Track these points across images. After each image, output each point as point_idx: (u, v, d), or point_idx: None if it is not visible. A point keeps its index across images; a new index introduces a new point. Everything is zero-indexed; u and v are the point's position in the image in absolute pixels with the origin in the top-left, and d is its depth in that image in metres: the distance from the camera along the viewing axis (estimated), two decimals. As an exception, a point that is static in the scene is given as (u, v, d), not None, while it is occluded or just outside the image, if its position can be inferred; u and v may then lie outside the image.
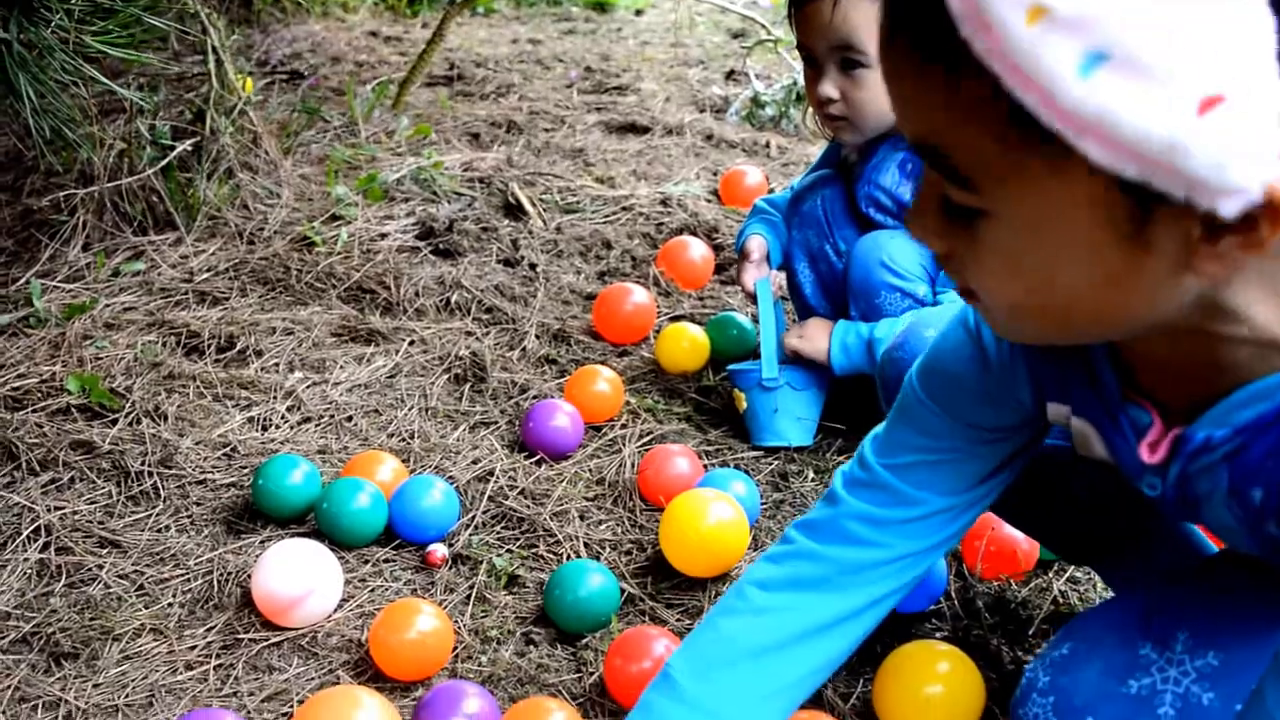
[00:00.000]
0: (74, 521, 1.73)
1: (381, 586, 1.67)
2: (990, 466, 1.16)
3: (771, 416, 2.01)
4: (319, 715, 1.30)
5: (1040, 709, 1.19)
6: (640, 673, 1.45)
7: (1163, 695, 1.12)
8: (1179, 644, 1.14)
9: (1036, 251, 0.83)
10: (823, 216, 2.12)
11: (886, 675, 1.45)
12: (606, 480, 1.94)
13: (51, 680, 1.46)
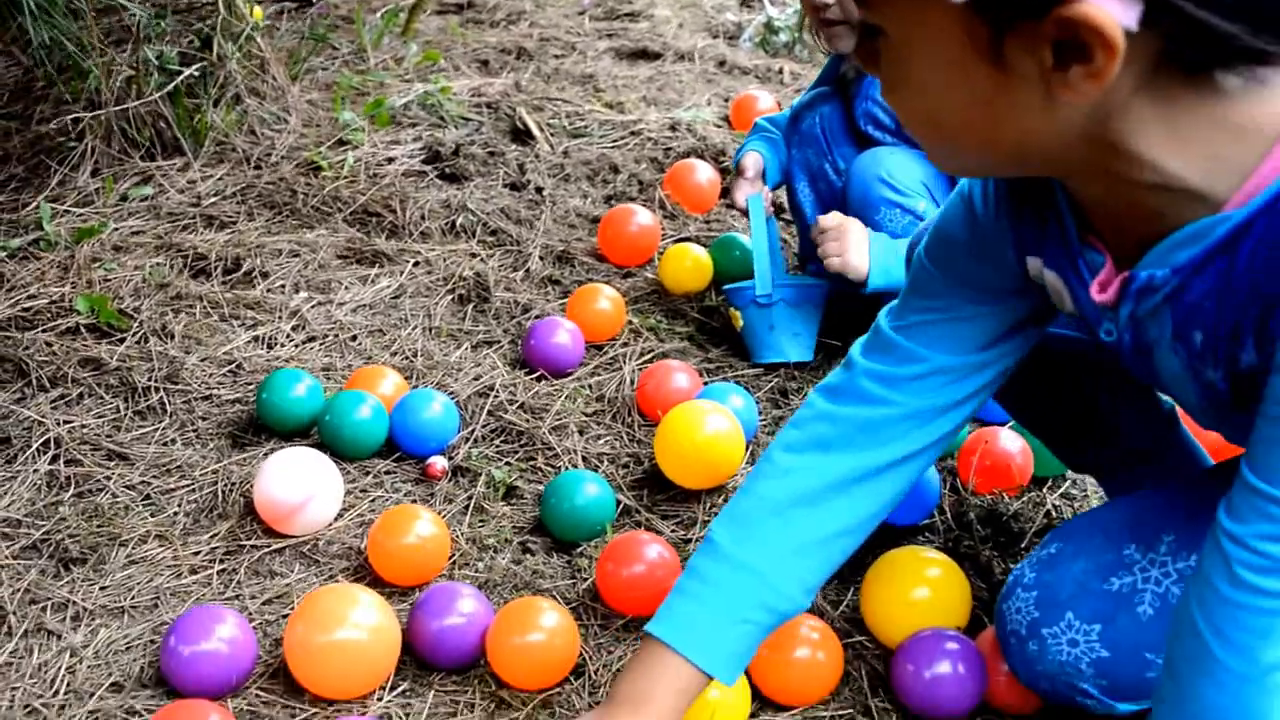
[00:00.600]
0: (82, 435, 1.78)
1: (382, 497, 1.72)
2: (989, 331, 1.20)
3: (767, 333, 2.03)
4: (317, 611, 1.35)
5: (1023, 603, 1.24)
6: (632, 577, 1.49)
7: (1143, 594, 1.17)
8: (1163, 546, 1.18)
9: (918, 69, 0.90)
10: (821, 135, 2.13)
11: (873, 580, 1.49)
12: (606, 396, 1.98)
13: (60, 584, 1.52)
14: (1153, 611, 1.17)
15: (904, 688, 1.37)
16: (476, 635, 1.41)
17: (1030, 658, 1.24)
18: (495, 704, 1.38)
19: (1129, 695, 1.21)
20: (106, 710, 1.32)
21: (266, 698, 1.36)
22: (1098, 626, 1.18)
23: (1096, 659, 1.19)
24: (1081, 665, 1.20)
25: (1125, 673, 1.18)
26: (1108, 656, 1.18)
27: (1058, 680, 1.22)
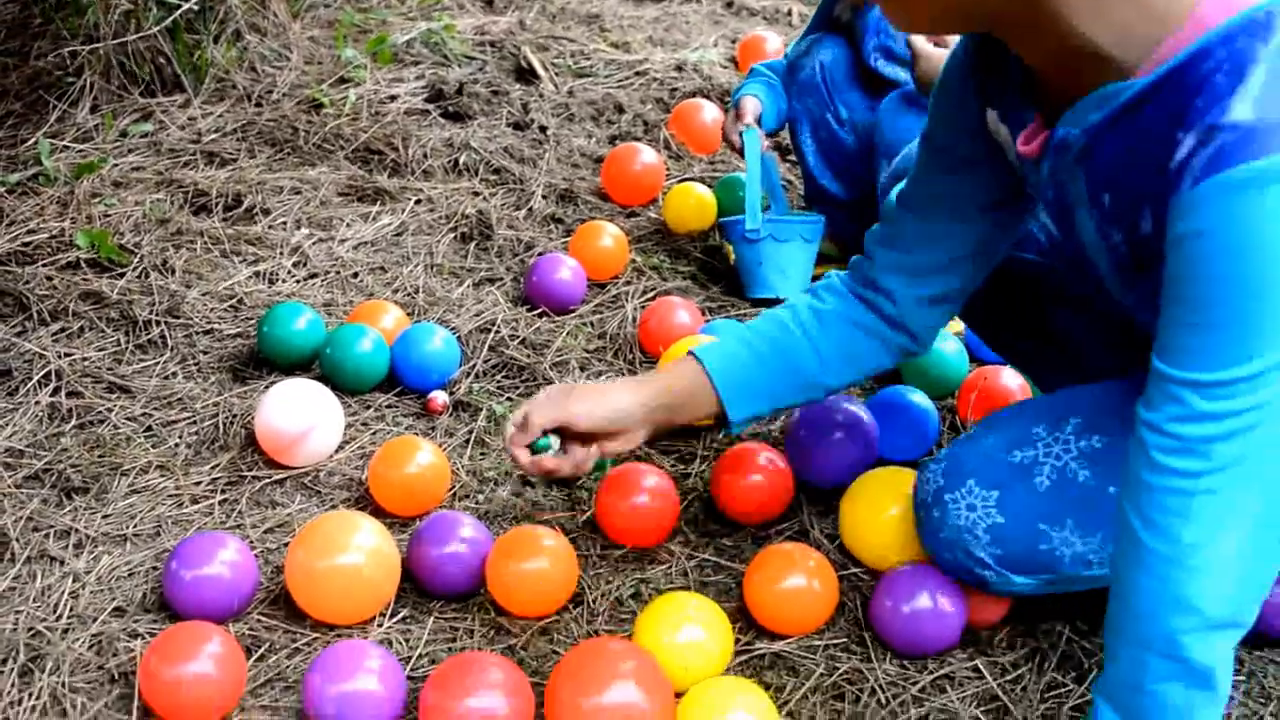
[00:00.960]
0: (83, 367, 1.79)
1: (383, 430, 1.73)
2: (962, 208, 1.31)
3: (757, 268, 2.03)
4: (318, 537, 1.36)
5: (932, 474, 1.33)
6: (631, 509, 1.50)
7: (1042, 466, 1.25)
8: (1070, 426, 1.26)
9: None
10: (822, 84, 2.11)
11: (852, 498, 1.51)
12: (608, 333, 1.98)
13: (63, 512, 1.53)
14: (1049, 484, 1.24)
15: (884, 625, 1.38)
16: (476, 563, 1.42)
17: (934, 525, 1.31)
18: (494, 630, 1.40)
19: (1022, 567, 1.27)
20: (110, 633, 1.34)
21: (268, 623, 1.38)
22: (995, 493, 1.25)
23: (992, 524, 1.26)
24: (978, 530, 1.27)
25: (1018, 541, 1.25)
26: (1002, 523, 1.25)
27: (956, 547, 1.29)
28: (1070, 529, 1.24)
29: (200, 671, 1.22)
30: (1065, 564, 1.26)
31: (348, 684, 1.21)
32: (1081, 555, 1.25)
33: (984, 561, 1.28)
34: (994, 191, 1.29)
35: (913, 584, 1.37)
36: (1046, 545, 1.25)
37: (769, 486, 1.55)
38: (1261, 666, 1.39)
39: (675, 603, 1.33)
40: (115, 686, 1.28)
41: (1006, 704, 1.32)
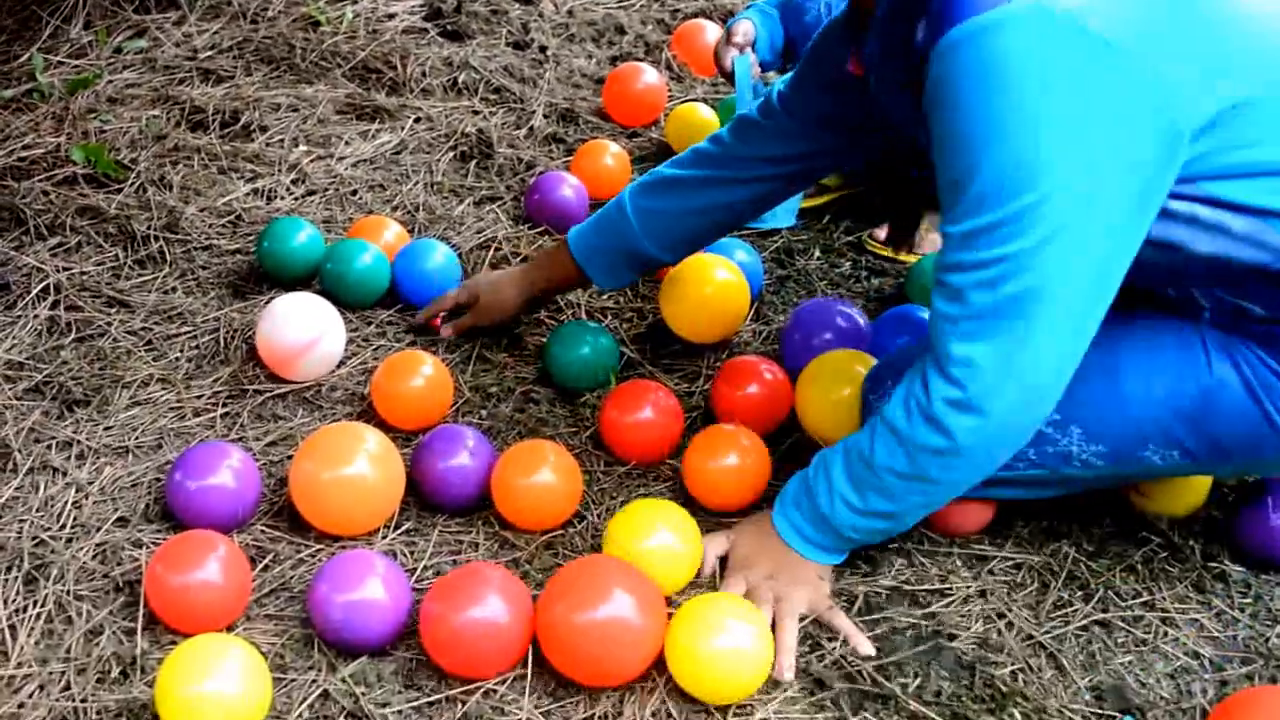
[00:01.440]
0: (82, 281, 1.76)
1: (384, 346, 1.71)
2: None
3: None
4: (322, 447, 1.34)
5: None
6: (636, 423, 1.49)
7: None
8: None
9: None
10: None
11: (805, 382, 1.53)
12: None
13: (64, 424, 1.52)
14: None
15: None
16: (481, 477, 1.41)
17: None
18: (499, 544, 1.39)
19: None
20: (114, 543, 1.33)
21: (272, 534, 1.37)
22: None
23: None
24: None
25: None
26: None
27: None
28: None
29: (206, 579, 1.21)
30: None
31: (354, 593, 1.20)
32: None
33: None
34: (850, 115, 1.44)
35: None
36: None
37: (768, 397, 1.54)
38: (1269, 589, 1.39)
39: (646, 509, 1.32)
40: (120, 595, 1.27)
41: (1012, 620, 1.32)
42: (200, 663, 1.10)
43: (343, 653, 1.22)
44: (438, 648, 1.19)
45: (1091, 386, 1.25)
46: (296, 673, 1.20)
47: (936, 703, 1.22)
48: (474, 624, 1.17)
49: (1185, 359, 1.25)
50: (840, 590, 1.34)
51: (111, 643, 1.21)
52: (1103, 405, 1.27)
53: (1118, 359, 1.27)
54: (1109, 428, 1.28)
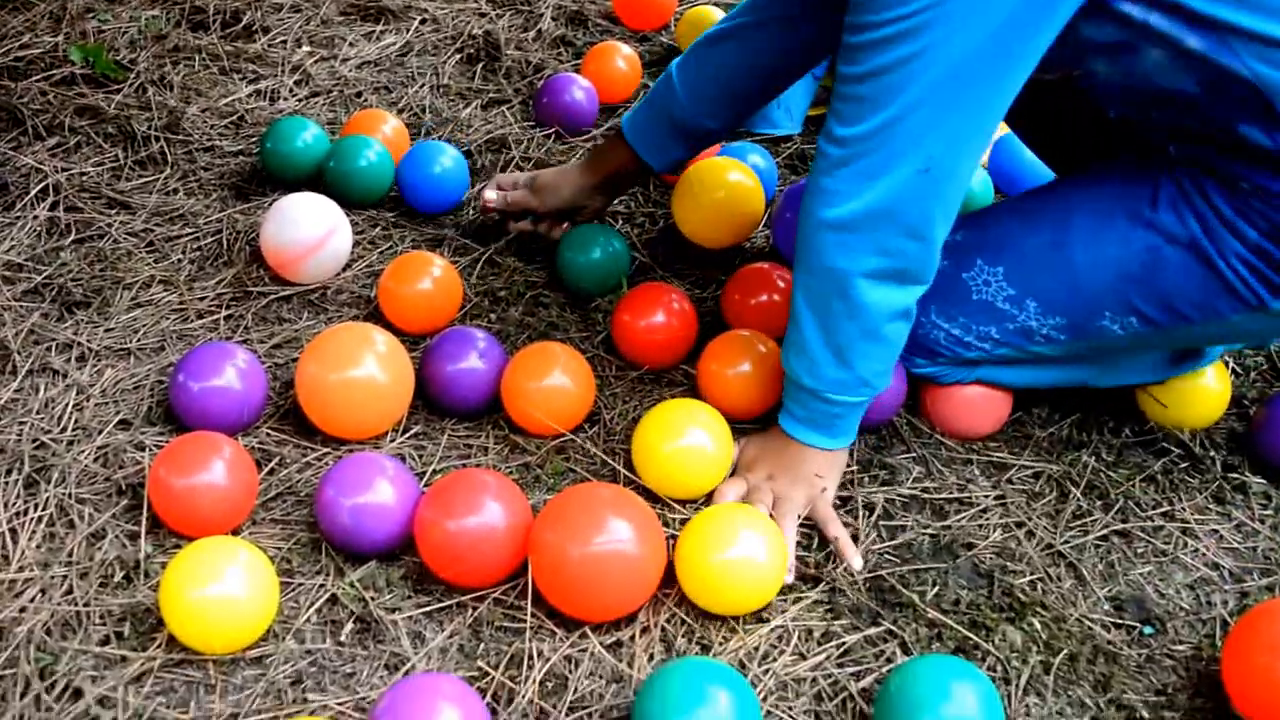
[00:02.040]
0: (82, 182, 1.69)
1: (390, 249, 1.63)
2: None
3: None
4: (329, 348, 1.28)
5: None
6: (648, 327, 1.42)
7: None
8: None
9: None
10: None
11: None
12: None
13: (64, 326, 1.45)
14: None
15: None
16: (491, 380, 1.34)
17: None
18: (509, 449, 1.33)
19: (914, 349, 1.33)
20: (116, 445, 1.27)
21: (278, 436, 1.31)
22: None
23: None
24: None
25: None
26: None
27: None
28: (934, 314, 1.30)
29: (211, 482, 1.15)
30: (943, 345, 1.32)
31: (361, 497, 1.14)
32: (957, 338, 1.30)
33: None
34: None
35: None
36: (922, 331, 1.30)
37: (780, 305, 1.47)
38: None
39: (676, 410, 1.27)
40: (123, 498, 1.21)
41: (1031, 530, 1.27)
42: (205, 566, 1.04)
43: (350, 557, 1.17)
44: (432, 555, 1.13)
45: (1044, 258, 1.25)
46: (304, 577, 1.15)
47: (955, 611, 1.17)
48: (468, 531, 1.11)
49: (1133, 222, 1.22)
50: (859, 498, 1.29)
51: (114, 546, 1.16)
52: (1055, 276, 1.25)
53: (1068, 229, 1.24)
54: (1063, 299, 1.26)
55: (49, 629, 1.06)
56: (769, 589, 1.14)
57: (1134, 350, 1.32)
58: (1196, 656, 1.15)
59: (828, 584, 1.19)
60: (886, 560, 1.22)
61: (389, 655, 1.08)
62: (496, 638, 1.11)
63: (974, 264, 1.28)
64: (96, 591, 1.10)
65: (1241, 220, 1.18)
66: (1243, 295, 1.20)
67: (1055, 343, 1.29)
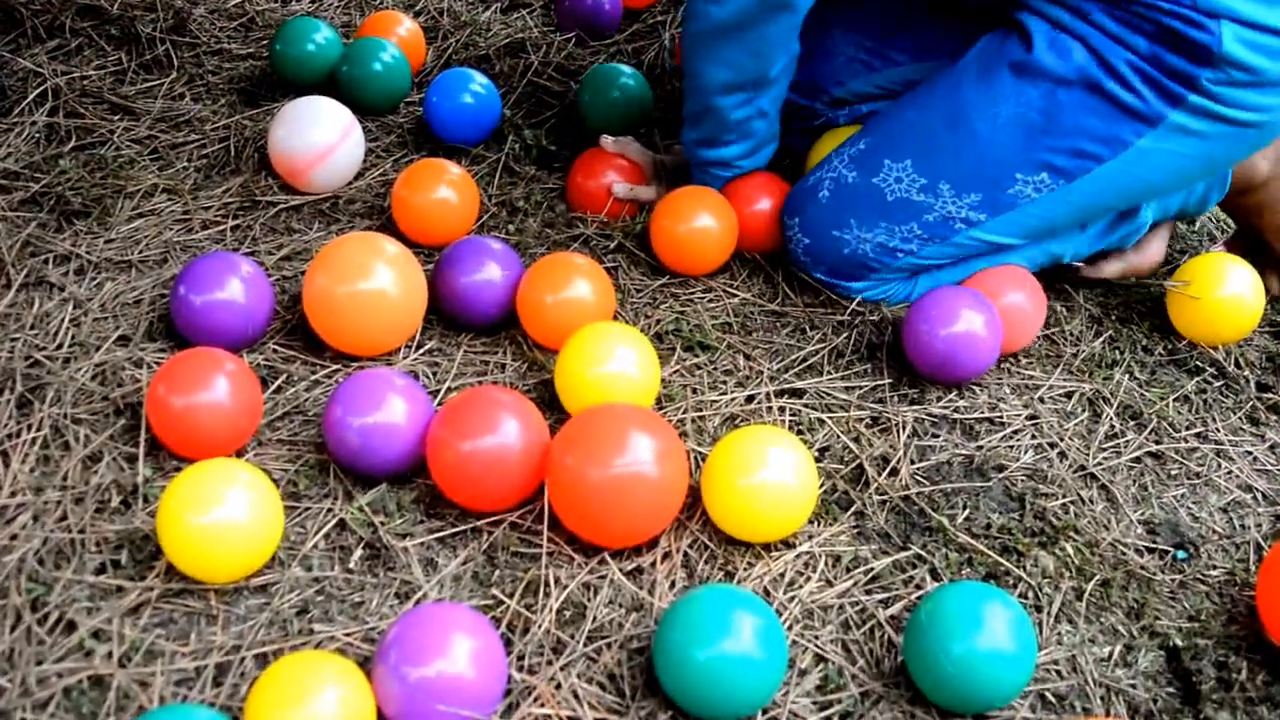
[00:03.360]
0: (83, 87, 1.54)
1: (406, 156, 1.49)
2: None
3: None
4: (338, 260, 1.15)
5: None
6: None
7: (822, 182, 1.29)
8: (848, 143, 1.29)
9: None
10: None
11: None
12: (644, 62, 1.72)
13: (62, 237, 1.32)
14: (828, 194, 1.28)
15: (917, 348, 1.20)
16: (508, 292, 1.22)
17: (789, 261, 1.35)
18: (527, 365, 1.21)
19: (848, 273, 1.30)
20: (114, 362, 1.14)
21: (285, 353, 1.19)
22: (796, 219, 1.30)
23: (805, 246, 1.30)
24: (799, 254, 1.31)
25: (827, 253, 1.29)
26: (809, 242, 1.29)
27: (804, 270, 1.33)
28: (855, 227, 1.26)
29: (212, 400, 1.03)
30: (872, 258, 1.28)
31: (371, 416, 1.02)
32: (883, 245, 1.26)
33: (824, 282, 1.32)
34: None
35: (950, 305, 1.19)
36: (848, 249, 1.27)
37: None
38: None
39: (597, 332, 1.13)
40: (121, 418, 1.09)
41: (1064, 451, 1.15)
42: (205, 490, 0.92)
43: (360, 480, 1.05)
44: (445, 478, 1.01)
45: (945, 140, 1.21)
46: (311, 501, 1.04)
47: (986, 535, 1.07)
48: (482, 453, 0.99)
49: (1019, 76, 1.18)
50: (889, 416, 1.17)
51: (111, 470, 1.04)
52: (960, 153, 1.21)
53: (960, 103, 1.21)
54: (972, 172, 1.21)
55: (41, 557, 0.95)
56: (799, 515, 1.02)
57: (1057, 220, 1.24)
58: (1230, 582, 1.05)
59: (856, 508, 1.07)
60: (917, 481, 1.11)
61: (399, 583, 0.98)
62: (512, 564, 1.00)
63: (881, 165, 1.25)
64: (92, 518, 0.99)
65: (1127, 30, 1.13)
66: (1141, 112, 1.15)
67: (976, 224, 1.24)
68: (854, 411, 1.18)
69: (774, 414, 1.17)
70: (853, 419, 1.17)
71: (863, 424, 1.17)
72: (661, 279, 1.33)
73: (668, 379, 1.20)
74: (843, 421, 1.17)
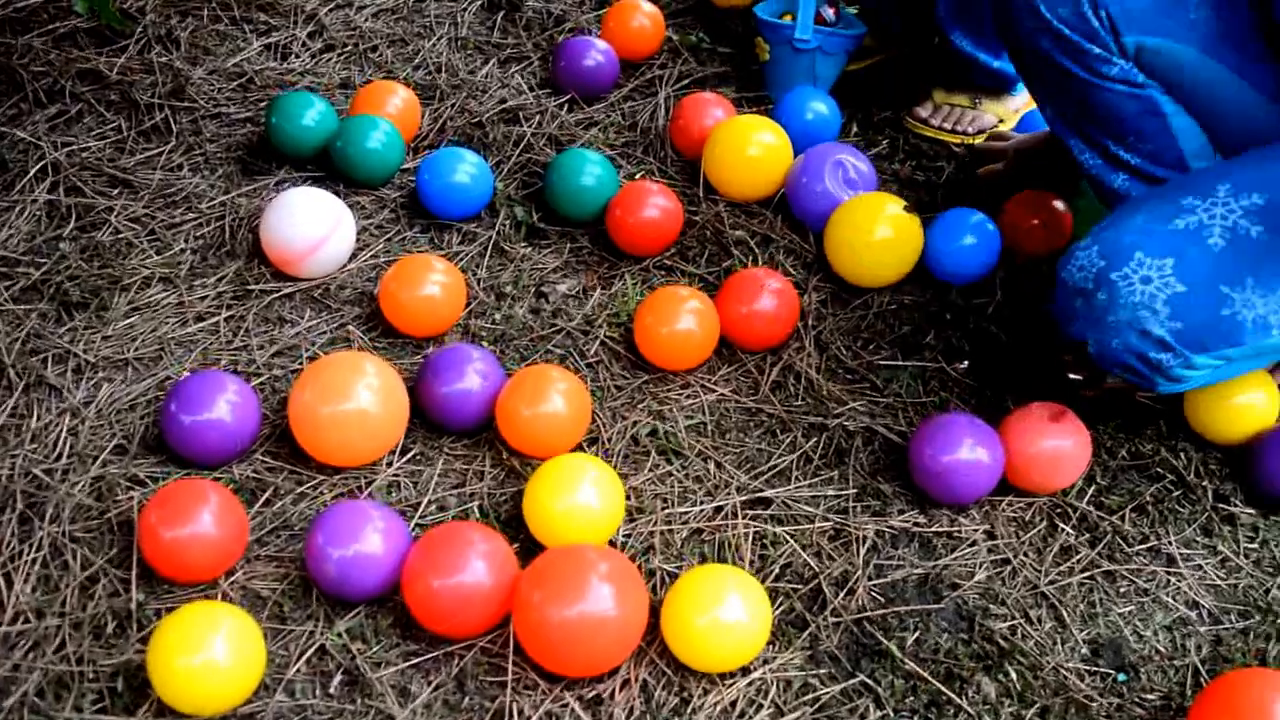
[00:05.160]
0: (83, 159, 1.61)
1: (397, 234, 1.56)
2: None
3: (792, 75, 1.79)
4: (322, 380, 1.23)
5: (1086, 258, 1.19)
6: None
7: (1210, 228, 1.14)
8: (1222, 191, 1.16)
9: None
10: None
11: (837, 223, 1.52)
12: (639, 125, 1.77)
13: (62, 330, 1.39)
14: (1223, 243, 1.14)
15: (921, 472, 1.27)
16: (487, 398, 1.30)
17: (1099, 310, 1.17)
18: (505, 473, 1.29)
19: (1204, 342, 1.15)
20: (110, 478, 1.23)
21: (272, 463, 1.27)
22: (1170, 260, 1.14)
23: (1172, 295, 1.14)
24: (1157, 304, 1.14)
25: (1200, 309, 1.14)
26: (1183, 291, 1.13)
27: (1131, 329, 1.16)
28: (1251, 288, 1.14)
29: (198, 532, 1.12)
30: (1247, 330, 1.15)
31: (350, 548, 1.11)
32: (1262, 318, 1.14)
33: (1164, 341, 1.16)
34: None
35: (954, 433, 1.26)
36: (1229, 310, 1.14)
37: (775, 315, 1.43)
38: (1276, 534, 1.29)
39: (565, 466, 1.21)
40: (116, 538, 1.18)
41: (1016, 568, 1.23)
42: (191, 635, 1.02)
43: (339, 603, 1.14)
44: (419, 609, 1.10)
45: None
46: (295, 623, 1.13)
47: (933, 660, 1.15)
48: (452, 589, 1.08)
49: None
50: (851, 530, 1.25)
51: (106, 594, 1.13)
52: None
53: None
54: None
55: (41, 689, 1.05)
56: (751, 650, 1.11)
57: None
58: (1166, 707, 1.13)
59: (809, 631, 1.16)
60: (873, 598, 1.19)
61: (375, 713, 1.07)
62: (481, 689, 1.09)
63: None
64: (90, 646, 1.08)
65: None
66: None
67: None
68: (818, 523, 1.26)
69: (739, 529, 1.25)
70: (816, 531, 1.25)
71: (825, 537, 1.25)
72: (642, 377, 1.40)
73: (640, 487, 1.28)
74: (806, 535, 1.25)
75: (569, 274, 1.53)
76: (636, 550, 1.22)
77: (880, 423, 1.37)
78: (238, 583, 1.15)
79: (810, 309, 1.49)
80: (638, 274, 1.54)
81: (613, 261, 1.56)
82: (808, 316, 1.48)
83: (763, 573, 1.21)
